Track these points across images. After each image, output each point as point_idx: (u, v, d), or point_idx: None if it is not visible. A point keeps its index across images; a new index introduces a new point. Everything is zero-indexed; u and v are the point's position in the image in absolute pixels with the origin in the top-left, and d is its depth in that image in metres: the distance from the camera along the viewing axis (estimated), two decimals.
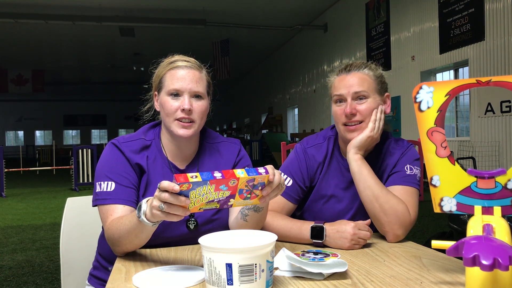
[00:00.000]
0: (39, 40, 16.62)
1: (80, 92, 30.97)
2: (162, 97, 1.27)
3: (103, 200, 1.21)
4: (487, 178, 0.92)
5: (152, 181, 1.28)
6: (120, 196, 1.21)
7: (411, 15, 9.44)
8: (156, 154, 1.31)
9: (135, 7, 13.00)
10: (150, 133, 1.35)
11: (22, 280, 3.15)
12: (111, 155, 1.28)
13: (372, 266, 1.04)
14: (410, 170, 1.37)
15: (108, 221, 1.19)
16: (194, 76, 1.26)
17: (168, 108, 1.24)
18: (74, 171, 9.19)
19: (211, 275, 0.84)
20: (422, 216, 5.17)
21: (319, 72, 14.63)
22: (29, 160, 21.47)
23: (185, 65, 1.27)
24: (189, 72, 1.26)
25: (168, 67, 1.28)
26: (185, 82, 1.24)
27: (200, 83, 1.27)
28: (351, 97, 1.34)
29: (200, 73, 1.29)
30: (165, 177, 1.28)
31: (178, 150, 1.32)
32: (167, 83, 1.26)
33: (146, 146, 1.31)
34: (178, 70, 1.26)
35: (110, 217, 1.19)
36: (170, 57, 1.32)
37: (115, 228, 1.13)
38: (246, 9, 13.38)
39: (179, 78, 1.25)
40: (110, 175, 1.24)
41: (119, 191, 1.22)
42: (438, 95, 0.98)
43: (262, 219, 1.21)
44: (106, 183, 1.23)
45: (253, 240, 0.95)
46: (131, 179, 1.25)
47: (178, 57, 1.31)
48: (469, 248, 0.70)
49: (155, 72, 1.33)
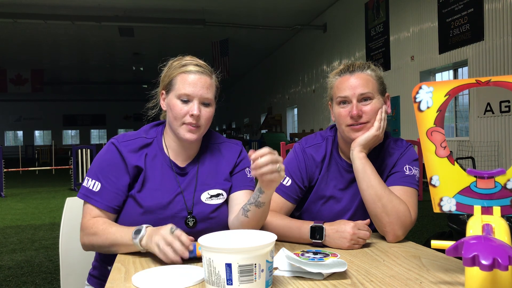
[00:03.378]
0: (38, 40, 16.59)
1: (79, 92, 30.94)
2: (171, 99, 1.28)
3: (86, 197, 1.27)
4: (486, 178, 0.92)
5: (149, 178, 1.29)
6: (102, 200, 1.26)
7: (410, 15, 9.44)
8: (157, 152, 1.33)
9: (135, 7, 12.98)
10: (152, 131, 1.37)
11: (21, 280, 3.15)
12: (107, 155, 1.30)
13: (371, 266, 1.04)
14: (409, 171, 1.37)
15: (86, 218, 1.26)
16: (205, 83, 1.28)
17: (177, 111, 1.26)
18: (73, 171, 9.19)
19: (211, 275, 0.84)
20: (422, 216, 5.17)
21: (318, 72, 14.62)
22: (28, 160, 21.46)
23: (197, 70, 1.28)
24: (201, 78, 1.27)
25: (179, 70, 1.29)
26: (196, 88, 1.26)
27: (210, 90, 1.29)
28: (356, 98, 1.33)
29: (211, 80, 1.31)
30: (163, 175, 1.30)
31: (181, 149, 1.34)
32: (177, 86, 1.27)
33: (146, 144, 1.33)
34: (189, 74, 1.27)
35: (88, 215, 1.26)
36: (180, 58, 1.33)
37: (101, 231, 1.21)
38: (246, 9, 13.37)
39: (191, 83, 1.26)
40: (99, 175, 1.28)
41: (103, 194, 1.26)
42: (438, 95, 0.98)
43: (264, 216, 1.22)
44: (93, 182, 1.27)
45: (252, 240, 0.95)
46: (118, 184, 1.27)
47: (190, 60, 1.31)
48: (469, 248, 0.70)
49: (165, 71, 1.33)
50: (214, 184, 1.34)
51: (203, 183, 1.33)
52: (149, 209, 1.26)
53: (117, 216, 1.30)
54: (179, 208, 1.29)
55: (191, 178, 1.33)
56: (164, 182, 1.30)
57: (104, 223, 1.23)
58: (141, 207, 1.26)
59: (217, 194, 1.33)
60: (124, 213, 1.29)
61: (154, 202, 1.27)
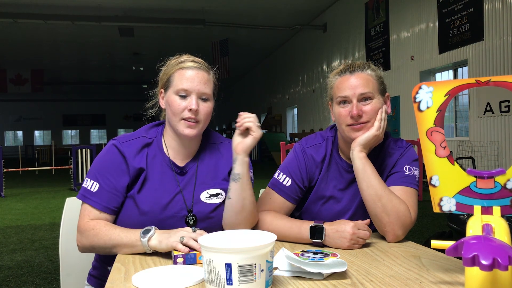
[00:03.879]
0: (38, 40, 16.60)
1: (79, 92, 30.94)
2: (169, 96, 1.29)
3: (84, 198, 1.27)
4: (486, 178, 0.92)
5: (149, 177, 1.30)
6: (100, 200, 1.26)
7: (410, 15, 9.44)
8: (156, 152, 1.33)
9: (134, 7, 12.99)
10: (152, 131, 1.38)
11: (21, 280, 3.15)
12: (107, 155, 1.30)
13: (371, 266, 1.04)
14: (409, 171, 1.37)
15: (85, 220, 1.25)
16: (202, 78, 1.29)
17: (176, 107, 1.27)
18: (73, 171, 9.18)
19: (211, 275, 0.84)
20: (422, 216, 5.17)
21: (318, 72, 14.63)
22: (28, 160, 21.45)
23: (194, 66, 1.30)
24: (198, 73, 1.29)
25: (177, 67, 1.30)
26: (194, 83, 1.27)
27: (207, 85, 1.30)
28: (356, 98, 1.33)
29: (208, 75, 1.32)
30: (163, 174, 1.31)
31: (181, 147, 1.34)
32: (175, 82, 1.28)
33: (147, 144, 1.33)
34: (187, 70, 1.29)
35: (87, 217, 1.26)
36: (178, 56, 1.35)
37: (103, 232, 1.21)
38: (246, 9, 13.38)
39: (188, 78, 1.28)
40: (98, 176, 1.28)
41: (101, 195, 1.26)
42: (438, 95, 0.98)
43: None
44: (92, 182, 1.27)
45: (252, 240, 0.95)
46: (117, 184, 1.27)
47: (187, 57, 1.33)
48: (469, 248, 0.70)
49: (163, 70, 1.35)
50: (213, 183, 1.35)
51: (202, 182, 1.34)
52: (148, 210, 1.26)
53: (115, 217, 1.30)
54: (179, 208, 1.29)
55: (190, 176, 1.34)
56: (164, 182, 1.30)
57: (106, 224, 1.24)
58: (140, 208, 1.26)
59: (216, 193, 1.34)
60: (123, 214, 1.29)
61: (153, 203, 1.27)
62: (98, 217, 1.26)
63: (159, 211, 1.27)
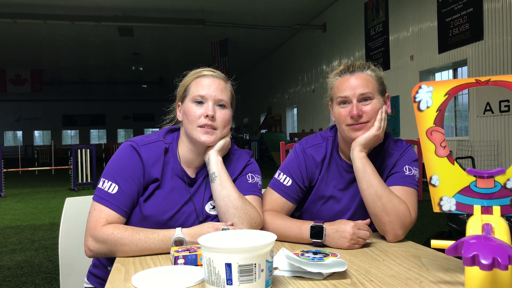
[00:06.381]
0: (38, 40, 16.58)
1: (79, 92, 30.91)
2: (186, 104, 1.30)
3: (101, 199, 1.22)
4: (486, 177, 0.92)
5: (160, 186, 1.28)
6: (118, 203, 1.22)
7: (410, 14, 9.44)
8: (170, 159, 1.32)
9: (134, 7, 12.98)
10: (169, 137, 1.36)
11: (21, 280, 3.15)
12: (126, 157, 1.27)
13: (371, 266, 1.04)
14: (409, 171, 1.37)
15: (101, 223, 1.19)
16: (219, 85, 1.30)
17: (192, 114, 1.27)
18: (73, 171, 9.18)
19: (211, 275, 0.84)
20: (421, 215, 5.17)
21: (318, 72, 14.62)
22: (28, 160, 21.43)
23: (211, 74, 1.32)
24: (215, 81, 1.30)
25: (194, 76, 1.32)
26: (210, 89, 1.28)
27: (224, 92, 1.30)
28: (356, 98, 1.33)
29: (225, 84, 1.33)
30: (173, 184, 1.30)
31: (195, 156, 1.32)
32: (192, 90, 1.30)
33: (165, 150, 1.31)
34: (204, 78, 1.30)
35: (103, 220, 1.19)
36: (196, 69, 1.37)
37: (127, 237, 1.15)
38: (245, 9, 13.37)
39: (205, 85, 1.29)
40: (117, 177, 1.24)
41: (119, 197, 1.22)
42: (437, 94, 0.98)
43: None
44: (109, 183, 1.23)
45: (252, 240, 0.95)
46: (135, 187, 1.25)
47: (205, 68, 1.36)
48: (469, 248, 0.70)
49: (180, 83, 1.36)
50: None
51: (210, 193, 1.32)
52: (151, 219, 1.25)
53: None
54: (186, 217, 1.29)
55: (198, 185, 1.33)
56: (173, 192, 1.29)
57: (127, 229, 1.18)
58: (144, 215, 1.25)
59: None
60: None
61: (159, 212, 1.26)
62: (116, 220, 1.21)
63: (164, 220, 1.26)
